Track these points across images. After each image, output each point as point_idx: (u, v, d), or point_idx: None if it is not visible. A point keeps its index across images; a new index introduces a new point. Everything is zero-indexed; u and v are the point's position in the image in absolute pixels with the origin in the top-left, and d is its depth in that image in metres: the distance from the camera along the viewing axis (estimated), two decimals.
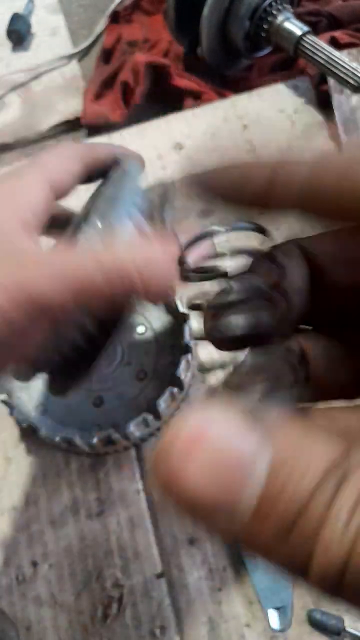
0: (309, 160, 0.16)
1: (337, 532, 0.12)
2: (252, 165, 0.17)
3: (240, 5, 0.67)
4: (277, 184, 0.16)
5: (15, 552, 0.51)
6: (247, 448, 0.12)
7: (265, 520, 0.12)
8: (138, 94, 0.74)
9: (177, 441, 0.12)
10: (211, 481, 0.12)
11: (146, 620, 0.47)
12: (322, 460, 0.12)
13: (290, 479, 0.12)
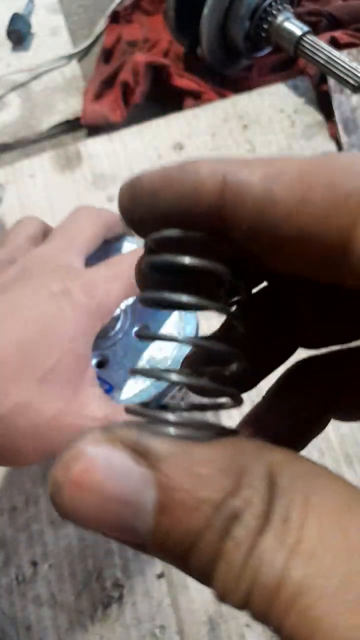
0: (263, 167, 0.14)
1: (231, 583, 0.12)
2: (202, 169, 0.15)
3: (240, 5, 0.67)
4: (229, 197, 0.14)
5: (15, 552, 0.51)
6: (131, 485, 0.12)
7: (162, 549, 0.13)
8: (138, 94, 0.74)
9: (66, 480, 0.13)
10: (104, 517, 0.13)
11: (146, 620, 0.47)
12: (211, 497, 0.12)
13: (177, 519, 0.12)
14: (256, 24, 0.69)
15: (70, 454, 0.13)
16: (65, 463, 0.13)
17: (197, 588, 0.48)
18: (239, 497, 0.12)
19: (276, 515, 0.12)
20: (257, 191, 0.14)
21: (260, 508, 0.12)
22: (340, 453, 0.51)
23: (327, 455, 0.51)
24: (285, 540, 0.11)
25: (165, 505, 0.12)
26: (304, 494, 0.12)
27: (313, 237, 0.13)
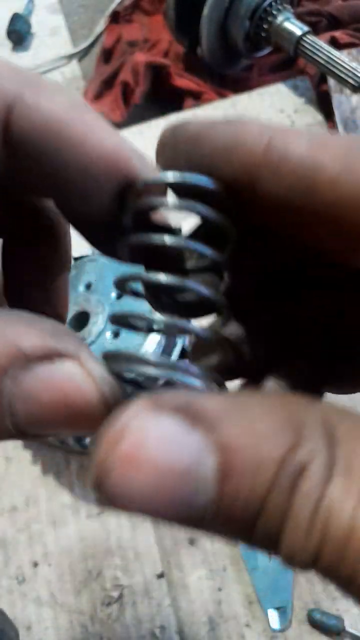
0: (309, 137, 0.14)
1: (300, 541, 0.11)
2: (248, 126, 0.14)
3: (240, 5, 0.67)
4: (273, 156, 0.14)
5: (16, 552, 0.51)
6: (188, 454, 0.11)
7: (225, 521, 0.12)
8: (138, 94, 0.74)
9: (113, 460, 0.11)
10: (160, 495, 0.11)
11: (146, 620, 0.47)
12: (274, 454, 0.11)
13: (242, 482, 0.11)
14: (256, 24, 0.69)
15: (115, 430, 0.12)
16: (110, 441, 0.11)
17: (197, 588, 0.48)
18: (303, 450, 0.11)
19: (339, 465, 0.11)
20: (303, 154, 0.14)
21: (325, 459, 0.11)
22: None
23: None
24: (351, 489, 0.11)
25: (228, 469, 0.11)
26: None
27: (355, 206, 0.13)
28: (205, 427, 0.12)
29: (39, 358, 0.13)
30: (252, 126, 0.15)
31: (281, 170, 0.14)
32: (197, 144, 0.15)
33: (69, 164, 0.15)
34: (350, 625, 0.45)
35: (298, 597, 0.46)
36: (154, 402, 0.12)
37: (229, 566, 0.48)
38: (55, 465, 0.54)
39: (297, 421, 0.12)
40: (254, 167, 0.14)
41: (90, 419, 0.13)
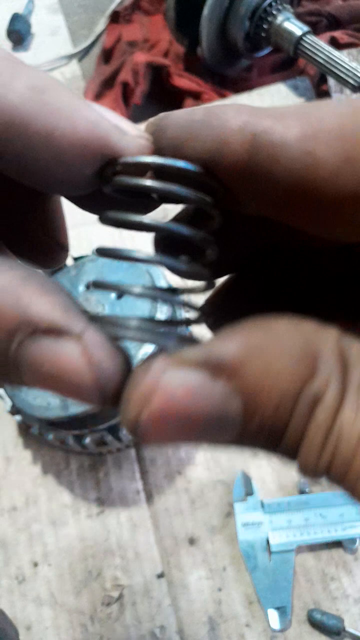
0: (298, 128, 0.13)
1: (314, 459, 0.13)
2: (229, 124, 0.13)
3: (240, 5, 0.67)
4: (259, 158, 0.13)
5: (16, 552, 0.51)
6: (215, 402, 0.13)
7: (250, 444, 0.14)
8: (138, 94, 0.74)
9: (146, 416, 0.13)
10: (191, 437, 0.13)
11: (146, 620, 0.47)
12: (291, 390, 0.13)
13: (264, 418, 0.13)
14: (256, 24, 0.69)
15: (144, 387, 0.13)
16: (140, 399, 0.13)
17: (197, 588, 0.48)
18: (318, 381, 0.13)
19: (351, 390, 0.12)
20: (295, 153, 0.13)
21: (337, 387, 0.12)
22: None
23: None
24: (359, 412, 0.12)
25: (251, 409, 0.13)
26: None
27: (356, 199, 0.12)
28: (226, 375, 0.13)
29: (46, 331, 0.14)
30: (233, 122, 0.13)
31: (272, 172, 0.13)
32: (179, 151, 0.14)
33: (39, 156, 0.14)
34: (350, 625, 0.45)
35: (298, 597, 0.46)
36: (178, 359, 0.13)
37: (229, 566, 0.48)
38: (55, 465, 0.54)
39: (311, 353, 0.13)
40: (241, 173, 0.13)
41: (82, 395, 0.14)
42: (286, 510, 0.48)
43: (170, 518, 0.51)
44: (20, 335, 0.14)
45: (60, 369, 0.14)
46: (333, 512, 0.48)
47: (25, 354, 0.14)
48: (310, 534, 0.47)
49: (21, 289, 0.14)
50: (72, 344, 0.14)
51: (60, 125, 0.13)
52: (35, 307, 0.14)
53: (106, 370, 0.14)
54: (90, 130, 0.14)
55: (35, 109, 0.13)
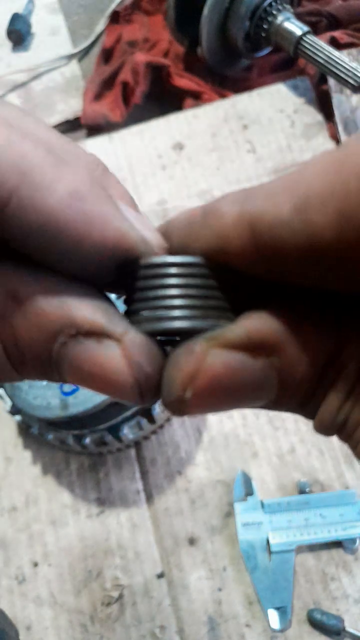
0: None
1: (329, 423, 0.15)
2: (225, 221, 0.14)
3: (240, 5, 0.67)
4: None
5: (16, 552, 0.51)
6: (254, 380, 0.14)
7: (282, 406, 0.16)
8: (138, 94, 0.74)
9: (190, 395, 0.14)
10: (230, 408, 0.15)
11: (146, 619, 0.47)
12: (319, 362, 0.14)
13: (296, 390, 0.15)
14: (256, 24, 0.69)
15: (188, 369, 0.14)
16: (184, 380, 0.14)
17: (197, 588, 0.48)
18: (343, 355, 0.14)
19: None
20: (294, 227, 0.13)
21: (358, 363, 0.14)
22: (340, 453, 0.51)
23: (327, 455, 0.51)
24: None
25: (286, 382, 0.15)
26: None
27: None
28: (266, 354, 0.14)
29: (88, 333, 0.15)
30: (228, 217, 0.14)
31: (279, 251, 0.13)
32: (187, 251, 0.16)
33: (64, 255, 0.15)
34: (350, 625, 0.45)
35: (298, 597, 0.46)
36: (219, 342, 0.14)
37: (229, 566, 0.48)
38: (55, 466, 0.54)
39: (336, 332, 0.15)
40: (250, 257, 0.14)
41: (121, 394, 0.15)
42: (286, 510, 0.48)
43: (170, 518, 0.51)
44: (64, 336, 0.15)
45: (102, 370, 0.15)
46: (333, 512, 0.48)
47: (68, 355, 0.15)
48: (310, 534, 0.47)
49: (65, 293, 0.15)
50: (114, 346, 0.15)
51: (93, 235, 0.14)
52: (79, 310, 0.15)
53: (145, 372, 0.15)
54: (118, 241, 0.15)
55: (72, 217, 0.14)
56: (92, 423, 0.47)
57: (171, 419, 0.54)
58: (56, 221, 0.14)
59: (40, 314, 0.14)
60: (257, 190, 0.14)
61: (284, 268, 0.14)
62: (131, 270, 0.16)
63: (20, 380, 0.16)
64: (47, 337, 0.15)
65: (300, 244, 0.13)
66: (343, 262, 0.13)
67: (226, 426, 0.54)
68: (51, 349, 0.15)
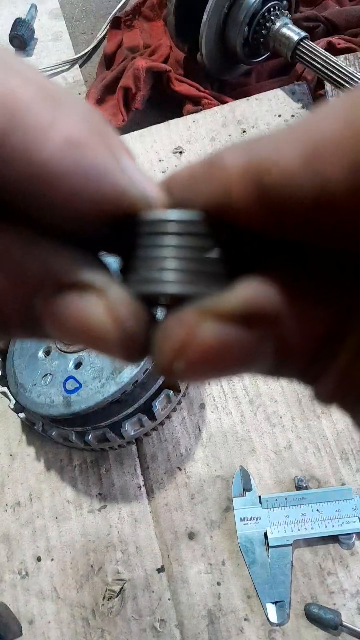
0: None
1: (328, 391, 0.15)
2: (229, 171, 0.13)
3: (239, 11, 0.68)
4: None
5: (19, 547, 0.52)
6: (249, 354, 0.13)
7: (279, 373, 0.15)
8: (139, 99, 0.75)
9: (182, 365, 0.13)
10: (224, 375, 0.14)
11: (147, 613, 0.48)
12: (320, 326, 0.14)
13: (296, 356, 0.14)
14: (255, 30, 0.70)
15: (178, 340, 0.13)
16: (174, 351, 0.13)
17: (196, 582, 0.49)
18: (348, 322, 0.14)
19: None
20: (303, 178, 0.11)
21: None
22: (337, 449, 0.52)
23: (324, 452, 0.52)
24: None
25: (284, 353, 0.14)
26: None
27: None
28: (262, 325, 0.13)
29: (69, 286, 0.14)
30: (232, 169, 0.13)
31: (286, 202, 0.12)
32: (190, 206, 0.14)
33: (58, 208, 0.13)
34: (347, 620, 0.45)
35: (296, 591, 0.47)
36: (212, 311, 0.13)
37: (228, 561, 0.49)
38: (59, 462, 0.55)
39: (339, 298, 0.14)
40: (255, 211, 0.13)
41: (106, 351, 0.14)
42: (284, 505, 0.49)
43: (170, 513, 0.51)
44: (45, 291, 0.14)
45: (85, 324, 0.14)
46: (330, 508, 0.49)
47: (51, 309, 0.14)
48: (308, 529, 0.48)
49: (44, 245, 0.14)
50: (97, 301, 0.14)
51: (89, 188, 0.13)
52: (59, 263, 0.14)
53: (130, 328, 0.14)
54: (117, 196, 0.14)
55: (68, 167, 0.13)
56: (94, 420, 0.48)
57: (171, 417, 0.55)
58: (50, 172, 0.12)
59: (19, 267, 0.13)
60: (264, 139, 0.13)
61: (290, 223, 0.12)
62: (127, 228, 0.14)
63: (9, 339, 0.15)
64: (27, 291, 0.14)
65: (309, 196, 0.12)
66: (355, 217, 0.11)
67: (225, 423, 0.55)
68: (34, 305, 0.14)
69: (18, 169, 0.12)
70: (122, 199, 0.14)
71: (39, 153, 0.12)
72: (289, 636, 0.46)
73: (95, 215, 0.14)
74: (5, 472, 0.55)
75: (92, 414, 0.47)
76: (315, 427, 0.53)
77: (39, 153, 0.12)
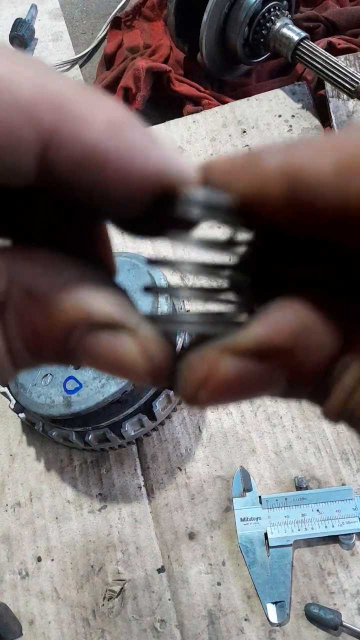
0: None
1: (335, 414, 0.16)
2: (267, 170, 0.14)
3: (239, 11, 0.68)
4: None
5: (20, 547, 0.52)
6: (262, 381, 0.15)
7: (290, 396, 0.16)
8: (139, 99, 0.75)
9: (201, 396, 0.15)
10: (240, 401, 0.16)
11: (147, 614, 0.48)
12: (326, 354, 0.15)
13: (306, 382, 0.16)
14: (255, 30, 0.70)
15: (200, 374, 0.15)
16: (197, 383, 0.15)
17: (196, 582, 0.49)
18: (350, 353, 0.15)
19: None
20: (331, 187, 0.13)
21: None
22: (337, 450, 0.52)
23: (324, 452, 0.52)
24: None
25: (294, 379, 0.15)
26: None
27: None
28: (274, 358, 0.15)
29: (104, 326, 0.15)
30: (269, 165, 0.14)
31: (311, 205, 0.14)
32: (225, 190, 0.15)
33: (108, 188, 0.14)
34: (347, 620, 0.45)
35: (296, 591, 0.47)
36: (229, 348, 0.15)
37: (228, 560, 0.49)
38: (59, 462, 0.55)
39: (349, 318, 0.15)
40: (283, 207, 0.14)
41: (136, 380, 0.16)
42: (284, 505, 0.49)
43: (170, 513, 0.51)
44: (80, 329, 0.15)
45: (117, 360, 0.16)
46: (330, 508, 0.49)
47: (85, 346, 0.16)
48: (308, 529, 0.48)
49: (79, 287, 0.15)
50: (128, 338, 0.15)
51: (135, 164, 0.14)
52: (94, 305, 0.15)
53: (159, 362, 0.16)
54: (159, 171, 0.15)
55: (112, 146, 0.14)
56: (94, 420, 0.48)
57: (171, 417, 0.55)
58: (98, 152, 0.14)
59: (57, 310, 0.15)
60: (303, 144, 0.14)
61: (315, 224, 0.14)
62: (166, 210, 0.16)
63: (37, 367, 0.17)
64: (63, 330, 0.15)
65: (335, 203, 0.13)
66: None
67: (225, 423, 0.55)
68: (68, 341, 0.16)
69: (72, 151, 0.14)
70: (163, 172, 0.15)
71: (87, 135, 0.14)
72: (289, 636, 0.46)
73: (140, 193, 0.15)
74: (5, 472, 0.55)
75: (92, 414, 0.47)
76: (315, 427, 0.53)
77: (87, 135, 0.14)
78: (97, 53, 0.87)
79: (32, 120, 0.13)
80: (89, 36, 0.89)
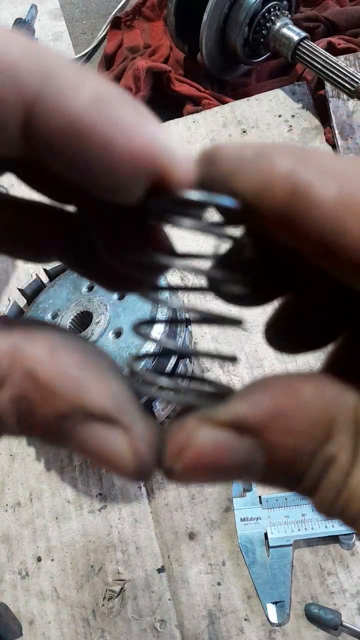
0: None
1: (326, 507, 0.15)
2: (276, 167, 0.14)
3: (239, 11, 0.69)
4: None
5: (20, 547, 0.52)
6: (239, 458, 0.15)
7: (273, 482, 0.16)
8: (139, 99, 0.75)
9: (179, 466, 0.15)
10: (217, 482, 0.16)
11: (147, 613, 0.48)
12: (309, 448, 0.15)
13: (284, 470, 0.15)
14: (255, 30, 0.70)
15: (178, 443, 0.15)
16: (175, 453, 0.15)
17: (197, 582, 0.49)
18: (332, 444, 0.15)
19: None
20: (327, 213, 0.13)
21: (350, 452, 0.15)
22: None
23: None
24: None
25: (272, 462, 0.15)
26: None
27: None
28: (252, 434, 0.15)
29: (98, 418, 0.15)
30: (279, 167, 0.14)
31: (305, 222, 0.14)
32: (227, 184, 0.15)
33: (91, 164, 0.14)
34: (347, 620, 0.45)
35: (296, 591, 0.47)
36: (207, 419, 0.15)
37: (228, 561, 0.49)
38: (59, 462, 0.55)
39: (329, 417, 0.15)
40: (278, 215, 0.14)
41: (120, 474, 0.16)
42: (284, 505, 0.49)
43: (170, 513, 0.51)
44: (74, 418, 0.15)
45: (106, 453, 0.16)
46: None
47: (76, 433, 0.16)
48: (308, 529, 0.48)
49: (80, 376, 0.15)
50: (121, 434, 0.16)
51: (119, 139, 0.14)
52: (92, 397, 0.15)
53: (147, 461, 0.16)
54: (144, 148, 0.14)
55: (97, 119, 0.14)
56: None
57: (172, 417, 0.55)
58: (82, 124, 0.13)
59: (54, 396, 0.15)
60: (315, 157, 0.14)
61: (301, 238, 0.14)
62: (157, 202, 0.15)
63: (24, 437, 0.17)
64: (58, 415, 0.15)
65: (325, 229, 0.13)
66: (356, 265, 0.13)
67: None
68: (59, 428, 0.16)
69: (56, 120, 0.13)
70: (148, 152, 0.14)
71: (71, 106, 0.13)
72: (289, 636, 0.46)
73: (128, 173, 0.14)
74: (5, 472, 0.55)
75: None
76: None
77: (71, 106, 0.13)
78: (97, 53, 0.87)
79: (17, 84, 0.13)
80: (89, 36, 0.89)
